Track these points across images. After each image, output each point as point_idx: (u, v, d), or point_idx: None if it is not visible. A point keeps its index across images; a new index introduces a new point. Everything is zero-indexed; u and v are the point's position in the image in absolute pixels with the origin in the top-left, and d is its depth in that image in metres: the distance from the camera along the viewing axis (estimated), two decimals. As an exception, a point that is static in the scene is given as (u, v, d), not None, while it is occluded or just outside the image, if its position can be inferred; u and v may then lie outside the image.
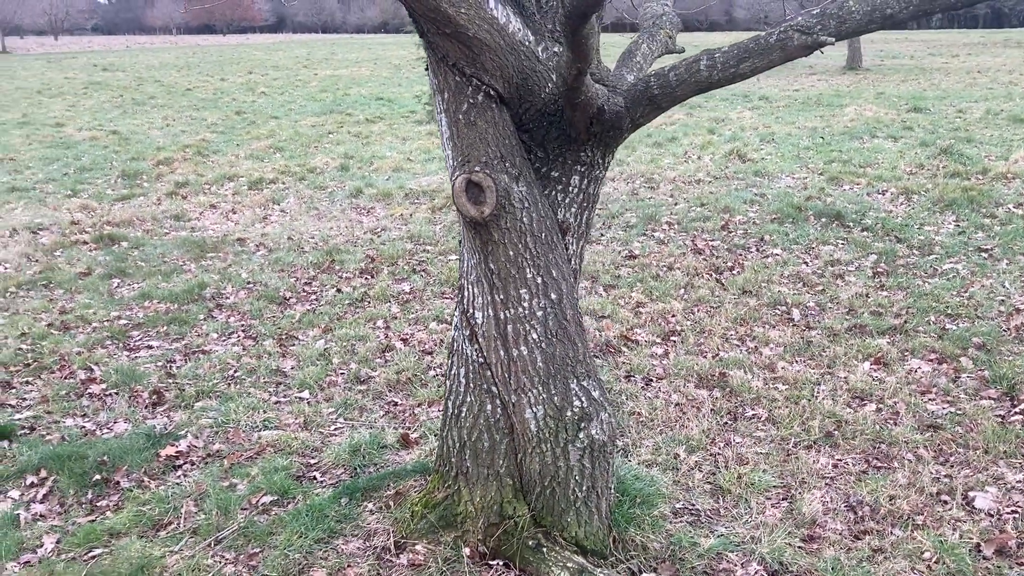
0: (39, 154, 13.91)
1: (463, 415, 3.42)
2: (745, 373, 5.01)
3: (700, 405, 4.66)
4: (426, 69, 3.20)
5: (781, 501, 3.81)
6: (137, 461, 4.20)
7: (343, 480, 4.00)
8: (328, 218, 9.40)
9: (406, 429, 4.50)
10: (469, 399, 3.40)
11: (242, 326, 6.14)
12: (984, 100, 16.97)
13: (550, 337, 3.23)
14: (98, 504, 3.91)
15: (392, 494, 3.71)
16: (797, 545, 3.47)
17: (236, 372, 5.30)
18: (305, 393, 4.99)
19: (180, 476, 4.13)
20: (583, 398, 3.28)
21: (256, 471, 4.08)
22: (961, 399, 4.67)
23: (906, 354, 5.26)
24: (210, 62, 39.91)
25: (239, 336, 5.95)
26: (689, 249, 7.64)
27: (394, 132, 15.61)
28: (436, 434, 4.06)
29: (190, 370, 5.34)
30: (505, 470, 3.38)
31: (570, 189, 3.31)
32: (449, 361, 3.50)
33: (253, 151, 13.59)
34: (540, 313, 3.21)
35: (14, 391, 5.10)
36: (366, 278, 7.12)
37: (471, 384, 3.38)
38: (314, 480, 4.04)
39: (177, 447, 4.35)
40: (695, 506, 3.75)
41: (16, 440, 4.47)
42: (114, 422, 4.67)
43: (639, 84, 3.16)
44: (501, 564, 3.29)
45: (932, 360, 5.17)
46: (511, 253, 3.14)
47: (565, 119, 3.14)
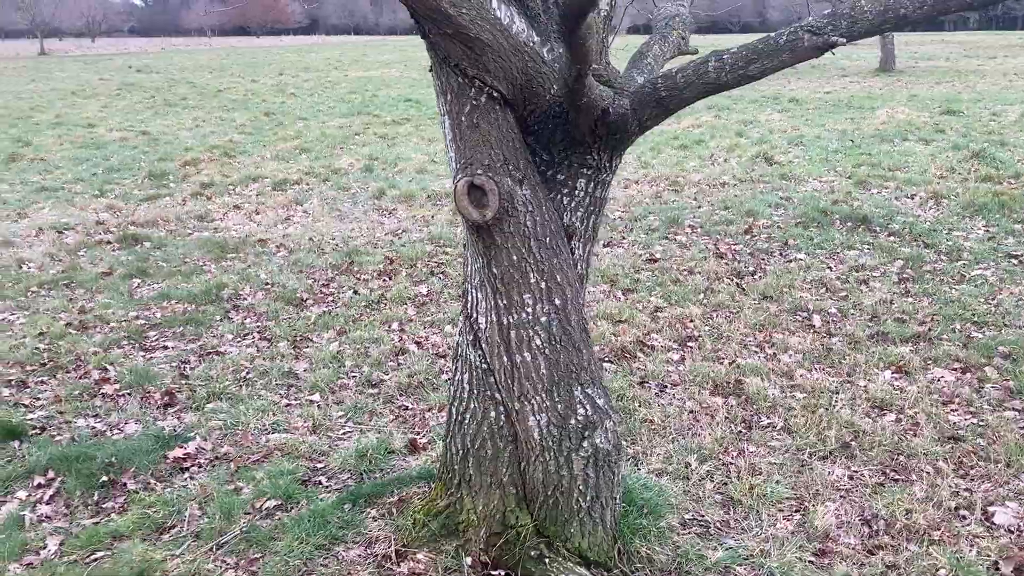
0: (70, 154, 14.08)
1: (466, 422, 3.36)
2: (762, 381, 4.91)
3: (714, 413, 4.57)
4: (430, 70, 3.15)
5: (793, 513, 3.71)
6: (145, 463, 4.19)
7: (348, 485, 3.97)
8: (350, 219, 9.40)
9: (415, 434, 4.46)
10: (473, 405, 3.34)
11: (258, 327, 6.13)
12: (1020, 103, 16.65)
13: (554, 343, 3.16)
14: (104, 506, 3.91)
15: (395, 501, 3.67)
16: (808, 559, 3.38)
17: (249, 374, 5.29)
18: (316, 396, 4.96)
19: (187, 479, 4.11)
20: (587, 406, 3.22)
21: (262, 475, 4.05)
22: (984, 410, 4.54)
23: (929, 363, 5.13)
24: (242, 64, 40.29)
25: (254, 337, 5.94)
26: (711, 253, 7.54)
27: (420, 134, 15.61)
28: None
29: (203, 371, 5.33)
30: (508, 479, 3.32)
31: (576, 193, 3.25)
32: (454, 366, 3.45)
33: (279, 152, 13.66)
34: (544, 319, 3.15)
35: (29, 390, 5.12)
36: (384, 280, 7.10)
37: (475, 390, 3.33)
38: (319, 485, 4.01)
39: (185, 449, 4.34)
40: (704, 517, 3.67)
41: (27, 440, 4.49)
42: (125, 423, 4.68)
43: (646, 86, 3.09)
44: (503, 574, 3.23)
45: (956, 369, 5.04)
46: (514, 257, 3.08)
47: (570, 121, 3.08)
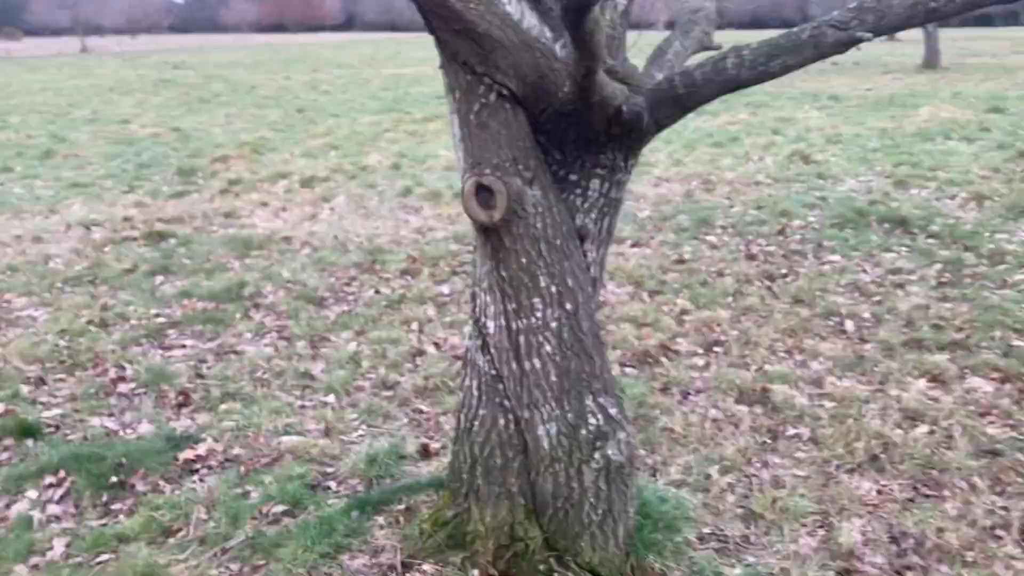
0: (103, 150, 14.19)
1: (475, 429, 3.25)
2: (790, 388, 4.74)
3: (738, 422, 4.41)
4: (440, 67, 3.05)
5: (817, 529, 3.55)
6: (155, 464, 4.14)
7: (358, 491, 3.87)
8: (376, 217, 9.33)
9: (428, 438, 4.36)
10: (481, 412, 3.23)
11: (277, 326, 6.07)
12: (1068, 100, 16.19)
13: (564, 350, 3.04)
14: (112, 507, 3.85)
15: (403, 509, 3.57)
16: (831, 579, 3.22)
17: (265, 374, 5.22)
18: (331, 398, 4.88)
19: (196, 481, 4.05)
20: (599, 416, 3.09)
21: (271, 479, 3.97)
22: (1024, 423, 4.34)
23: (966, 372, 4.93)
24: (278, 60, 40.56)
25: (273, 337, 5.88)
26: (742, 254, 7.36)
27: (450, 131, 15.51)
28: (456, 446, 3.91)
29: (220, 371, 5.28)
30: (518, 489, 3.21)
31: (589, 193, 3.12)
32: (463, 371, 3.34)
33: (308, 149, 13.65)
34: (554, 324, 3.02)
35: (46, 388, 5.10)
36: (406, 279, 7.01)
37: (483, 397, 3.21)
38: (328, 490, 3.92)
39: (196, 451, 4.27)
40: (724, 532, 3.53)
41: (41, 438, 4.45)
42: (138, 423, 4.63)
43: (663, 83, 2.96)
44: (510, 589, 3.12)
45: (994, 379, 4.83)
46: (523, 260, 2.96)
47: (583, 120, 2.95)
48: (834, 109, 16.17)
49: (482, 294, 3.13)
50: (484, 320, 3.14)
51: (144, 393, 5.00)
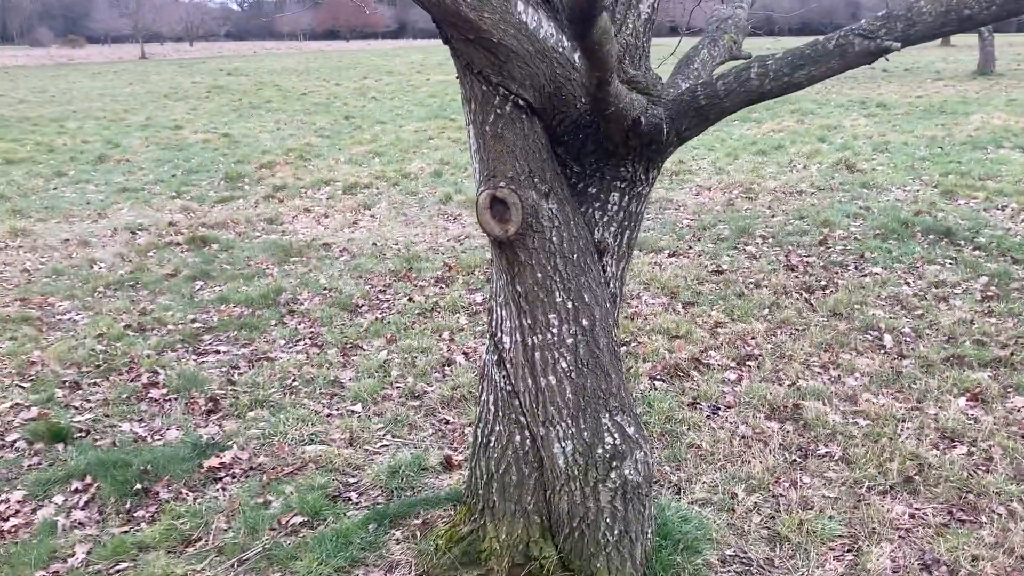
0: (154, 156, 14.46)
1: (491, 445, 3.21)
2: (823, 405, 4.62)
3: (768, 439, 4.30)
4: (457, 77, 3.01)
5: (845, 553, 3.44)
6: (179, 472, 4.16)
7: (378, 503, 3.85)
8: (415, 224, 9.35)
9: (452, 450, 4.33)
10: (498, 428, 3.19)
11: (310, 333, 6.10)
12: None
13: (580, 367, 2.98)
14: (135, 515, 3.88)
15: (420, 523, 3.54)
16: (856, 607, 3.11)
17: (295, 381, 5.24)
18: (358, 406, 4.87)
19: (219, 490, 4.06)
20: (616, 435, 3.02)
21: (292, 489, 3.97)
22: (1068, 446, 4.17)
23: (1009, 391, 4.76)
24: (329, 67, 41.02)
25: (305, 344, 5.90)
26: (782, 265, 7.21)
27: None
28: (476, 459, 3.86)
29: (251, 377, 5.31)
30: (533, 507, 3.16)
31: (609, 207, 3.06)
32: (480, 386, 3.30)
33: (353, 156, 13.75)
34: (570, 340, 2.97)
35: (81, 392, 5.18)
36: (440, 287, 7.00)
37: (500, 412, 3.17)
38: (349, 501, 3.91)
39: (221, 459, 4.29)
40: (747, 554, 3.43)
41: (71, 443, 4.52)
42: (167, 429, 4.67)
43: (685, 94, 2.88)
44: (524, 608, 3.06)
45: (1039, 399, 4.66)
46: (539, 275, 2.91)
47: (601, 131, 2.89)
48: (882, 116, 15.84)
49: (498, 308, 3.09)
50: (500, 335, 3.10)
51: (175, 399, 5.05)
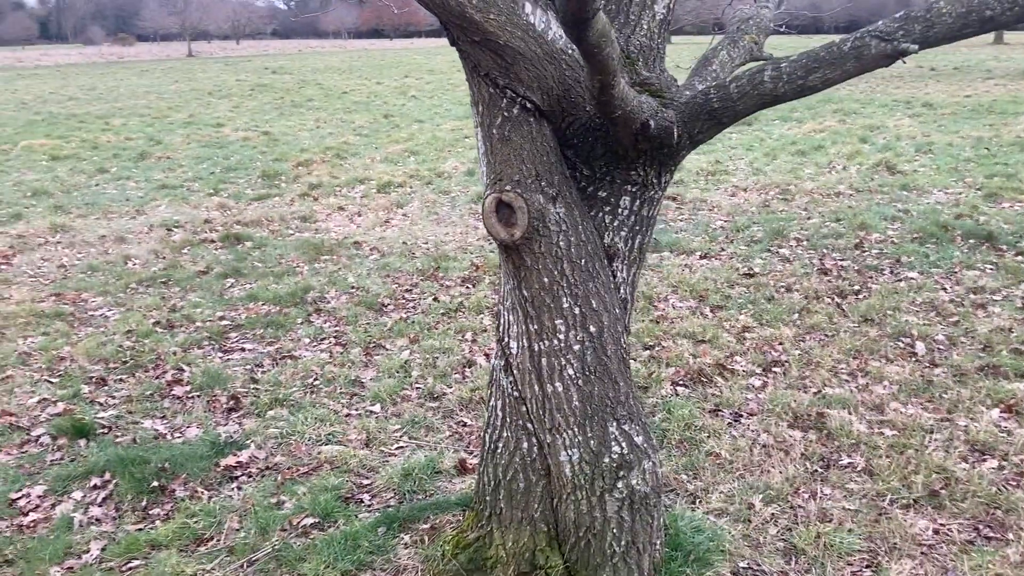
0: (194, 153, 14.64)
1: (499, 451, 3.17)
2: (849, 414, 4.50)
3: (789, 448, 4.21)
4: (467, 79, 2.98)
5: (864, 569, 3.35)
6: (196, 470, 4.19)
7: (390, 506, 3.84)
8: (446, 223, 9.34)
9: (468, 452, 4.30)
10: (505, 434, 3.15)
11: (335, 332, 6.11)
12: None
13: (587, 374, 2.93)
14: (150, 512, 3.91)
15: (428, 528, 3.51)
16: (871, 625, 3.02)
17: (316, 380, 5.25)
18: (377, 407, 4.86)
19: (234, 489, 4.07)
20: (623, 444, 2.97)
21: (305, 490, 3.97)
22: (1104, 461, 4.01)
23: (1045, 403, 4.60)
24: (371, 66, 41.26)
25: (330, 342, 5.91)
26: (815, 269, 7.07)
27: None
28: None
29: (273, 376, 5.33)
30: (540, 515, 3.11)
31: (619, 211, 3.00)
32: (488, 391, 3.26)
33: (388, 155, 13.79)
34: (577, 347, 2.92)
35: (106, 388, 5.24)
36: (467, 287, 6.97)
37: (507, 419, 3.13)
38: (361, 503, 3.89)
39: (238, 457, 4.31)
40: (761, 567, 3.35)
41: (93, 439, 4.57)
42: (187, 427, 4.70)
43: (698, 97, 2.82)
44: (528, 617, 3.02)
45: (1076, 411, 4.50)
46: (545, 280, 2.87)
47: (611, 134, 2.84)
48: (927, 116, 15.49)
49: (506, 313, 3.05)
50: (507, 340, 3.06)
51: (197, 397, 5.08)
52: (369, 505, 3.88)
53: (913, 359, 5.21)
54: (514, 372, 3.05)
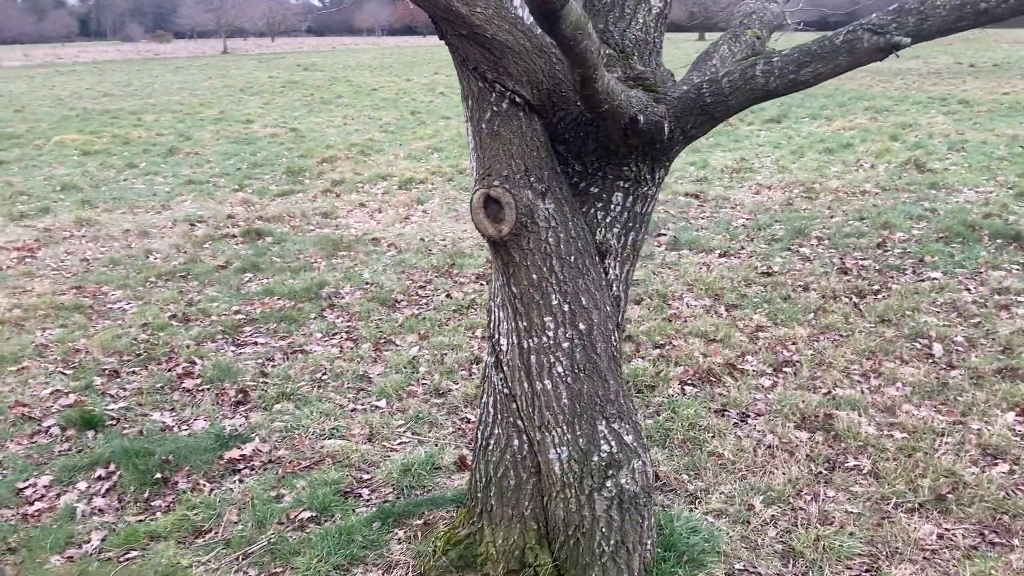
0: (222, 149, 14.77)
1: (490, 448, 3.15)
2: (859, 415, 4.42)
3: (795, 449, 4.14)
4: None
5: (863, 573, 3.28)
6: (199, 462, 4.21)
7: (388, 500, 3.83)
8: (464, 220, 9.32)
9: (469, 449, 4.28)
10: (497, 431, 3.13)
11: (347, 327, 6.12)
12: None
13: (576, 372, 2.90)
14: (152, 504, 3.94)
15: (421, 524, 3.50)
16: (866, 631, 2.96)
17: (324, 375, 5.26)
18: (382, 402, 4.87)
19: (236, 482, 4.10)
20: (612, 442, 2.93)
21: (305, 484, 3.98)
22: (1119, 468, 3.91)
23: (1062, 406, 4.49)
24: (402, 63, 41.38)
25: (341, 338, 5.93)
26: (835, 268, 6.96)
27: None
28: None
29: (283, 370, 5.35)
30: (530, 513, 3.09)
31: (612, 207, 2.97)
32: (482, 388, 3.24)
33: (412, 151, 13.82)
34: (566, 344, 2.89)
35: (119, 380, 5.29)
36: (480, 284, 6.96)
37: (498, 416, 3.11)
38: (359, 498, 3.89)
39: (242, 451, 4.33)
40: (756, 569, 3.30)
41: (101, 430, 4.62)
42: (195, 419, 4.73)
43: (690, 91, 2.77)
44: (517, 616, 3.00)
45: (1094, 416, 4.39)
46: (534, 277, 2.84)
47: (602, 130, 2.81)
48: (962, 114, 15.19)
49: (496, 310, 3.03)
50: (497, 336, 3.03)
51: (207, 390, 5.11)
52: (368, 500, 3.88)
53: (929, 360, 5.11)
54: (504, 369, 3.03)
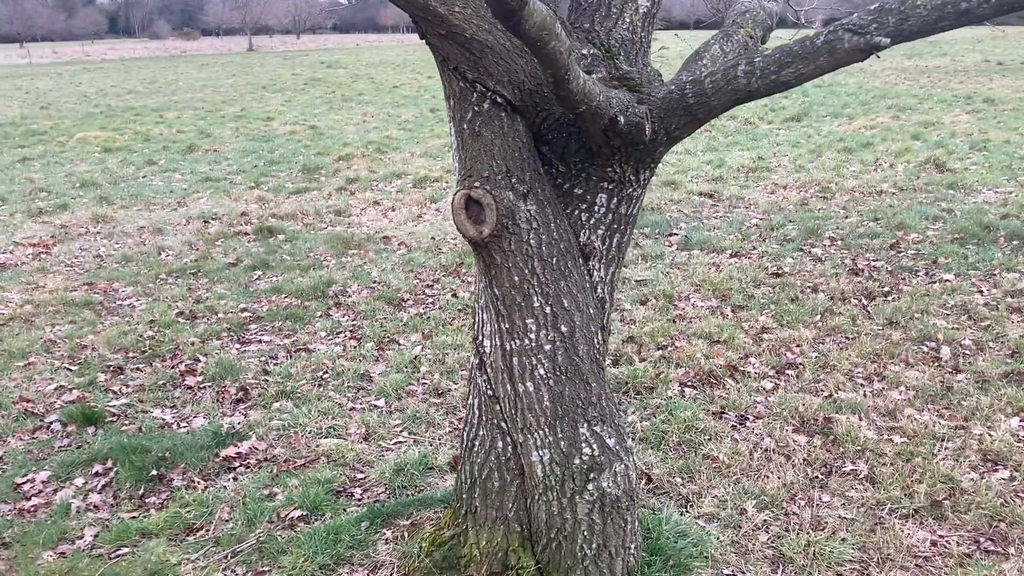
0: (241, 146, 14.85)
1: (475, 449, 3.14)
2: (859, 419, 4.37)
3: (791, 453, 4.10)
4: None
5: (853, 580, 3.24)
6: (195, 460, 4.24)
7: (379, 500, 3.83)
8: (478, 218, 9.30)
9: (464, 450, 4.27)
10: (482, 433, 3.12)
11: (352, 326, 6.13)
12: None
13: (558, 374, 2.88)
14: (147, 500, 3.97)
15: (409, 524, 3.50)
16: (852, 640, 2.92)
17: (326, 374, 5.27)
18: (381, 401, 4.87)
19: (231, 479, 4.11)
20: (594, 445, 2.91)
21: (298, 482, 3.99)
22: (1123, 476, 3.83)
23: (1069, 412, 4.41)
24: (424, 60, 41.37)
25: (345, 336, 5.94)
26: (846, 269, 6.88)
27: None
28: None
29: (285, 368, 5.37)
30: (514, 515, 3.08)
31: (596, 209, 2.94)
32: (468, 389, 3.23)
33: (429, 149, 13.82)
34: (548, 347, 2.87)
35: (122, 377, 5.33)
36: (488, 283, 6.94)
37: (483, 417, 3.10)
38: (351, 497, 3.90)
39: (238, 448, 4.35)
40: (745, 574, 3.27)
41: (102, 426, 4.65)
42: (194, 417, 4.76)
43: (674, 92, 2.74)
44: (498, 618, 2.99)
45: (1101, 422, 4.30)
46: (516, 278, 2.82)
47: (584, 130, 2.78)
48: (987, 113, 14.96)
49: (480, 311, 3.02)
50: (481, 338, 3.02)
51: (209, 387, 5.14)
52: (359, 499, 3.88)
53: (935, 364, 5.04)
54: (488, 371, 3.02)
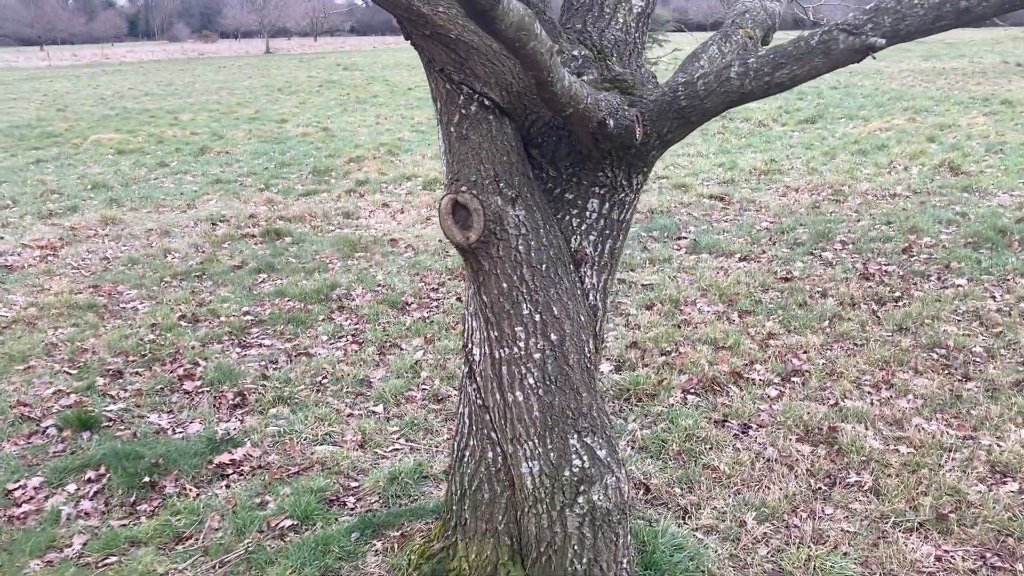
0: (253, 148, 14.85)
1: (465, 460, 3.07)
2: (865, 428, 4.27)
3: (795, 464, 4.00)
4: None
5: (854, 597, 3.15)
6: (188, 467, 4.19)
7: (371, 509, 3.77)
8: (486, 221, 9.23)
9: (461, 458, 4.20)
10: (472, 443, 3.05)
11: (354, 330, 6.08)
12: None
13: (548, 384, 2.81)
14: (138, 508, 3.92)
15: (399, 535, 3.43)
16: (850, 659, 2.83)
17: (325, 379, 5.22)
18: (379, 407, 4.81)
19: (223, 487, 4.06)
20: (585, 457, 2.83)
21: (290, 490, 3.93)
22: None
23: (1082, 423, 4.29)
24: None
25: (346, 340, 5.88)
26: (856, 274, 6.77)
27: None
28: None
29: (284, 373, 5.32)
30: (504, 527, 3.00)
31: (587, 214, 2.87)
32: (459, 398, 3.16)
33: (439, 151, 13.72)
34: (537, 355, 2.79)
35: (121, 381, 5.30)
36: (493, 287, 6.86)
37: (473, 427, 3.03)
38: (344, 506, 3.83)
39: (232, 455, 4.30)
40: (742, 590, 3.18)
41: (97, 432, 4.62)
42: (190, 422, 4.72)
43: (666, 94, 2.66)
44: (487, 634, 2.92)
45: (1115, 433, 4.18)
46: (504, 285, 2.75)
47: (574, 134, 2.71)
48: (1004, 115, 14.75)
49: (470, 319, 2.95)
50: (471, 346, 2.95)
51: (206, 392, 5.10)
52: (352, 509, 3.82)
53: (944, 371, 4.93)
54: (477, 379, 2.94)
